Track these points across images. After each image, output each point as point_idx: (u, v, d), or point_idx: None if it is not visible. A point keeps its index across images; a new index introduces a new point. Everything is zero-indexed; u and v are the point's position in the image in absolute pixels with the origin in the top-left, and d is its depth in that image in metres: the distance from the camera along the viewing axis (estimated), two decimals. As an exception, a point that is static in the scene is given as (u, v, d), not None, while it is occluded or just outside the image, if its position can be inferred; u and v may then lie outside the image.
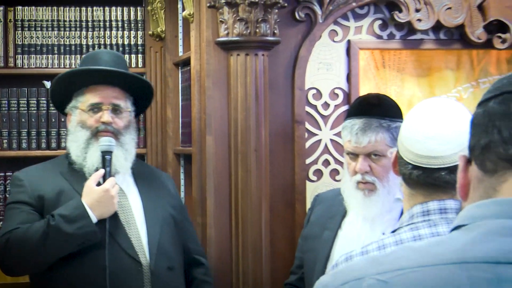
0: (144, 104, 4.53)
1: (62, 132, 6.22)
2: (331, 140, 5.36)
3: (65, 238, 3.82)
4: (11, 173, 5.99)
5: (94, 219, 3.88)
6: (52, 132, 6.25)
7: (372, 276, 1.54)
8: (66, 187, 3.99)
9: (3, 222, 3.97)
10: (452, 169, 2.65)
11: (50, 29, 6.17)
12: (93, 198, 3.90)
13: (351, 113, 4.24)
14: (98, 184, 4.01)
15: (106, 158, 3.99)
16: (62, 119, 6.05)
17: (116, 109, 4.13)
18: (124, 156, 4.15)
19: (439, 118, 2.78)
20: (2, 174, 6.21)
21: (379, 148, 3.94)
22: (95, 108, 4.09)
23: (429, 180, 2.73)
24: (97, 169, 4.05)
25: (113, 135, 4.05)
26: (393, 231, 2.80)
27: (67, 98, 4.19)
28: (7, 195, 5.35)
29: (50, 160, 4.22)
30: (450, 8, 5.36)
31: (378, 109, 4.13)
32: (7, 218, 3.95)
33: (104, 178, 3.97)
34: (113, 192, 3.95)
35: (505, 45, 5.42)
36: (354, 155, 3.99)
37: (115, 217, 4.06)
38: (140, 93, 4.36)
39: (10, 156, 6.22)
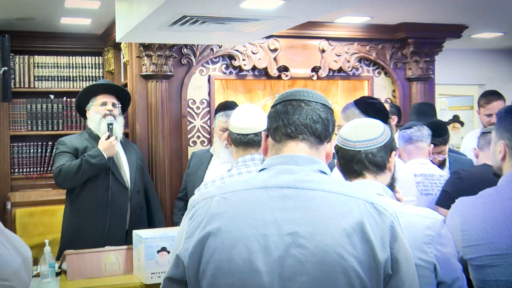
0: (126, 106, 4.45)
1: (57, 120, 6.04)
2: (201, 125, 5.40)
3: (91, 166, 3.82)
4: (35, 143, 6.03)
5: (106, 157, 3.86)
6: (54, 121, 6.02)
7: (218, 195, 1.60)
8: (89, 145, 3.97)
9: (54, 163, 3.98)
10: (257, 134, 2.72)
11: (52, 67, 6.01)
12: (104, 146, 3.87)
13: (222, 108, 4.22)
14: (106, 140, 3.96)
15: (109, 126, 3.97)
16: (60, 114, 6.05)
17: (114, 105, 4.11)
18: (120, 127, 4.08)
19: (249, 111, 2.83)
20: (39, 142, 6.03)
21: None
22: (103, 104, 4.06)
23: (245, 140, 2.74)
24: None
25: (112, 117, 4.03)
26: (228, 171, 2.84)
27: (85, 101, 4.14)
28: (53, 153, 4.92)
29: (77, 133, 4.19)
30: (260, 59, 5.45)
31: (236, 106, 3.99)
32: (58, 160, 3.92)
33: (109, 137, 3.93)
34: (114, 143, 3.93)
35: (287, 78, 5.52)
36: (225, 129, 3.86)
37: (114, 163, 4.02)
38: (123, 101, 4.30)
39: (32, 134, 6.00)
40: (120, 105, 4.21)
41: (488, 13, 5.50)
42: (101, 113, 4.05)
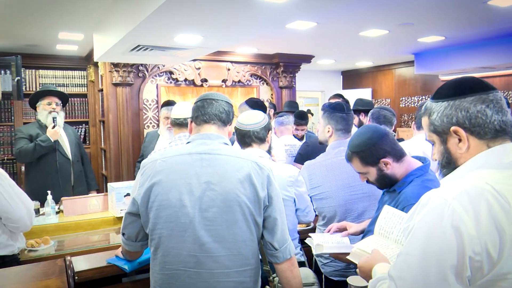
0: (65, 103, 3.86)
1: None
2: (152, 116, 5.16)
3: (42, 147, 3.49)
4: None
5: (52, 140, 3.51)
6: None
7: (160, 159, 1.53)
8: (39, 132, 3.55)
9: (15, 145, 3.60)
10: (185, 119, 2.58)
11: (51, 78, 5.49)
12: (50, 133, 3.49)
13: (165, 104, 3.94)
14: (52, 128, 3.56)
15: (54, 119, 3.58)
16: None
17: (56, 104, 3.67)
18: (61, 119, 3.64)
19: (181, 107, 2.69)
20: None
21: None
22: (49, 103, 3.62)
23: (178, 122, 2.61)
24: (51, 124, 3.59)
25: (56, 112, 3.59)
26: (169, 143, 2.67)
27: (36, 101, 3.68)
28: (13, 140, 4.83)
29: (30, 123, 3.74)
30: (189, 73, 5.28)
31: (174, 104, 3.80)
32: (17, 144, 3.54)
33: (53, 127, 3.54)
34: (58, 130, 3.54)
35: (207, 86, 5.40)
36: (167, 118, 3.68)
37: (58, 143, 3.63)
38: (63, 99, 3.78)
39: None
40: (61, 103, 3.84)
41: (325, 49, 5.66)
42: (47, 110, 3.67)
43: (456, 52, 5.67)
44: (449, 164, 1.03)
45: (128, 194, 3.01)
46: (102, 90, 5.36)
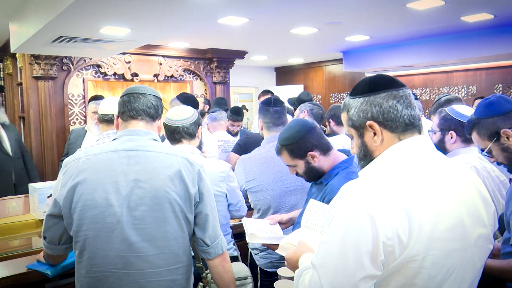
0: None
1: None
2: (78, 112, 4.92)
3: None
4: None
5: None
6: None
7: (84, 157, 1.46)
8: None
9: None
10: (112, 115, 2.37)
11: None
12: None
13: (93, 99, 3.69)
14: None
15: None
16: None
17: None
18: (4, 115, 3.46)
19: (111, 101, 2.47)
20: None
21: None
22: None
23: (107, 118, 2.39)
24: None
25: None
26: (97, 141, 2.43)
27: None
28: None
29: None
30: (119, 67, 5.10)
31: (103, 98, 3.57)
32: None
33: None
34: None
35: (138, 80, 5.23)
36: (95, 112, 3.27)
37: None
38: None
39: None
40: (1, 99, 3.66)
41: (258, 45, 5.72)
42: None
43: (380, 51, 6.02)
44: (365, 156, 1.09)
45: (51, 195, 2.84)
46: (21, 84, 5.01)
